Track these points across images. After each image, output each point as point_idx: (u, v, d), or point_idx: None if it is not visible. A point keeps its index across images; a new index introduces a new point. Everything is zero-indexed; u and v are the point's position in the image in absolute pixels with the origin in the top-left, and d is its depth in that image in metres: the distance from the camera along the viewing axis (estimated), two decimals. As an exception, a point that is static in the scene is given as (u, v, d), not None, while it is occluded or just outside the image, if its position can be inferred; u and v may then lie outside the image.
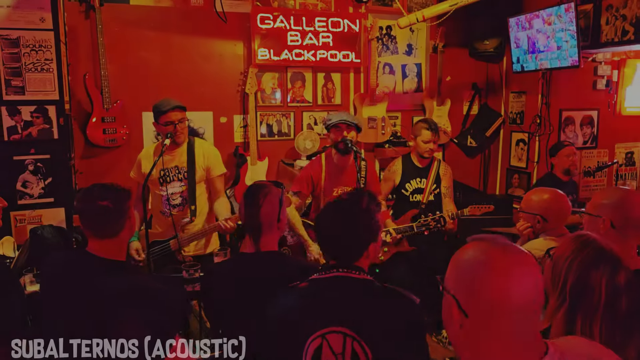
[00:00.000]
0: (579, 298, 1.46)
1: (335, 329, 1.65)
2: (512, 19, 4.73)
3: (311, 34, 4.68)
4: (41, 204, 3.66)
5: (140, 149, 4.08)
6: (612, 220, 2.12)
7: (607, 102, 5.16)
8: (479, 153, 5.67)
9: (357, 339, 1.63)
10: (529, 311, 1.07)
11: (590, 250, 1.52)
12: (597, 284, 1.45)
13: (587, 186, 5.18)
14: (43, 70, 3.59)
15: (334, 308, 1.70)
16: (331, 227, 1.83)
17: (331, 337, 1.65)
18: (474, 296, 1.09)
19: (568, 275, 1.51)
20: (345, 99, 5.03)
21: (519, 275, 1.07)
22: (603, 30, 4.34)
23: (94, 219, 2.00)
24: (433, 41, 5.24)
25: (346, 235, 1.80)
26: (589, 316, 1.44)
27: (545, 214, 2.57)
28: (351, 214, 1.82)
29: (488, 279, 1.08)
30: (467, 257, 1.13)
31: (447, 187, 4.01)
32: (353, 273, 1.76)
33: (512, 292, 1.06)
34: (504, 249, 1.12)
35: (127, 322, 1.14)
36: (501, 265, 1.08)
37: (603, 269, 1.47)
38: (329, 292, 1.75)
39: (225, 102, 4.62)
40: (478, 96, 5.59)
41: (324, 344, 1.65)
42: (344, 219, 1.81)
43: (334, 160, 3.56)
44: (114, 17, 4.18)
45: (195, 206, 3.29)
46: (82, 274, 1.88)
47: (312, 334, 1.67)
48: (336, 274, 1.77)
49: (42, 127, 3.62)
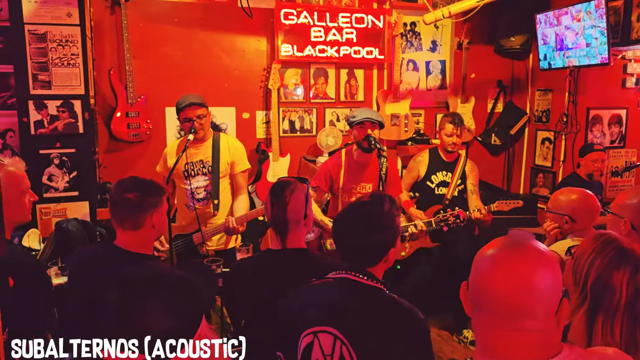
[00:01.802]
0: (600, 297, 1.46)
1: (326, 328, 1.64)
2: (539, 15, 4.65)
3: (335, 29, 4.66)
4: (66, 198, 3.70)
5: (163, 143, 4.12)
6: (633, 221, 2.07)
7: (636, 100, 5.04)
8: (503, 151, 5.59)
9: (346, 344, 1.60)
10: (517, 314, 1.06)
11: (611, 250, 1.51)
12: (618, 284, 1.45)
13: (614, 186, 5.07)
14: (69, 65, 3.62)
15: (330, 308, 1.68)
16: (350, 230, 1.78)
17: (322, 336, 1.63)
18: (473, 286, 1.13)
19: (589, 274, 1.50)
20: (368, 96, 4.99)
21: (508, 273, 1.07)
22: (634, 27, 4.24)
23: (117, 210, 2.05)
24: (458, 38, 5.18)
25: (365, 240, 1.75)
26: (609, 315, 1.44)
27: (573, 214, 2.49)
28: (372, 218, 1.77)
29: (478, 271, 1.12)
30: (485, 249, 1.16)
31: (474, 184, 3.96)
32: (362, 278, 1.73)
33: (493, 289, 1.07)
34: (514, 249, 1.12)
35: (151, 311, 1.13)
36: (498, 262, 1.10)
37: (624, 268, 1.47)
38: (332, 292, 1.73)
39: (248, 97, 4.62)
40: (503, 94, 5.51)
41: (315, 342, 1.64)
42: (365, 223, 1.76)
43: (355, 157, 3.52)
44: (139, 12, 4.21)
45: (218, 200, 3.29)
46: (106, 265, 1.90)
47: (306, 329, 1.67)
48: (344, 276, 1.74)
49: (67, 122, 3.65)
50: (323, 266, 2.20)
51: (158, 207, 2.07)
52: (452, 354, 3.95)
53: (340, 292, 1.72)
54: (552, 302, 1.07)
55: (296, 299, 1.78)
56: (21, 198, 2.05)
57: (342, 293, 1.71)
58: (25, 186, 2.08)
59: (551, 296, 1.07)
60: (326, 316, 1.66)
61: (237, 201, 3.37)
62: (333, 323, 1.64)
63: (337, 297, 1.71)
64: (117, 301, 1.14)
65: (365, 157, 3.48)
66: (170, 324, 1.11)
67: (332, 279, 1.78)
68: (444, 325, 4.32)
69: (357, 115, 3.38)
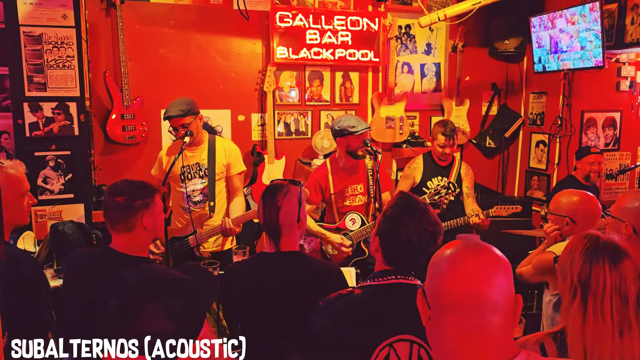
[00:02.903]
0: (587, 286, 1.50)
1: (402, 337, 1.62)
2: (534, 18, 4.67)
3: (330, 32, 4.67)
4: (61, 200, 3.69)
5: (159, 146, 4.11)
6: (634, 225, 2.07)
7: (630, 103, 5.07)
8: (498, 154, 5.61)
9: (424, 346, 1.61)
10: (481, 309, 1.08)
11: (587, 242, 1.56)
12: (600, 271, 1.49)
13: (608, 189, 5.10)
14: (65, 67, 3.61)
15: (399, 315, 1.65)
16: (416, 247, 1.74)
17: (398, 345, 1.62)
18: (433, 289, 1.14)
19: (573, 268, 1.55)
20: (364, 99, 5.00)
21: (469, 271, 1.10)
22: (628, 30, 4.26)
23: (109, 213, 2.05)
24: (452, 40, 5.20)
25: (428, 252, 1.71)
26: (598, 300, 1.47)
27: (574, 216, 2.48)
28: (436, 231, 1.76)
29: (442, 274, 1.12)
30: (439, 253, 1.18)
31: (469, 187, 3.97)
32: (410, 279, 1.73)
33: (457, 286, 1.09)
34: (468, 247, 1.15)
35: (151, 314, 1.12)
36: (456, 260, 1.12)
37: (603, 256, 1.51)
38: (393, 299, 1.70)
39: (243, 100, 4.62)
40: (497, 96, 5.53)
41: (392, 353, 1.61)
42: (430, 237, 1.75)
43: (341, 164, 3.51)
44: (134, 14, 4.20)
45: (214, 202, 3.30)
46: (103, 268, 1.89)
47: (380, 343, 1.62)
48: (395, 281, 1.73)
49: (63, 124, 3.64)
50: (318, 268, 2.20)
51: (149, 208, 2.05)
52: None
53: (401, 297, 1.69)
54: (510, 296, 1.11)
55: (349, 314, 1.69)
56: (20, 201, 2.04)
57: (404, 298, 1.67)
58: (24, 189, 2.08)
59: (509, 290, 1.11)
60: (398, 324, 1.64)
61: (233, 203, 3.37)
62: (407, 329, 1.63)
63: (401, 302, 1.66)
64: (116, 306, 1.13)
65: (352, 161, 3.47)
66: (171, 327, 1.11)
67: (381, 285, 1.73)
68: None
69: (356, 126, 3.33)
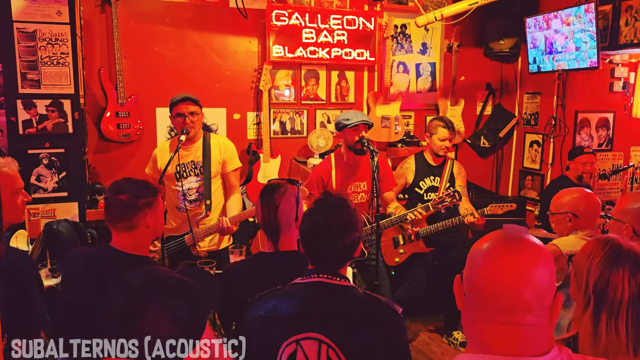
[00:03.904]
0: (602, 296, 1.46)
1: (310, 335, 1.61)
2: (529, 19, 4.69)
3: (326, 31, 4.66)
4: (55, 198, 3.65)
5: (153, 144, 4.09)
6: (635, 227, 2.08)
7: (623, 104, 5.11)
8: (492, 154, 5.63)
9: (332, 347, 1.59)
10: (512, 307, 1.07)
11: (609, 249, 1.52)
12: (619, 281, 1.46)
13: (601, 189, 5.13)
14: (59, 64, 3.58)
15: (310, 314, 1.65)
16: (325, 238, 1.73)
17: (306, 343, 1.61)
18: (468, 280, 1.14)
19: (590, 276, 1.50)
20: (359, 98, 5.00)
21: (503, 268, 1.08)
22: (622, 31, 4.29)
23: (111, 212, 2.04)
24: (448, 40, 5.21)
25: (340, 245, 1.72)
26: (613, 313, 1.44)
27: (576, 210, 2.53)
28: (346, 222, 1.74)
29: (475, 266, 1.12)
30: (478, 244, 1.16)
31: (462, 186, 3.97)
32: (335, 280, 1.72)
33: (488, 282, 1.08)
34: (508, 242, 1.13)
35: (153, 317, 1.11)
36: (493, 256, 1.11)
37: (623, 266, 1.47)
38: (308, 297, 1.70)
39: (238, 98, 4.60)
40: (492, 96, 5.55)
41: (298, 350, 1.60)
42: (340, 229, 1.72)
43: (344, 158, 3.52)
44: (130, 11, 4.17)
45: (210, 201, 3.28)
46: (104, 268, 1.88)
47: (287, 339, 1.62)
48: (317, 280, 1.72)
49: (57, 121, 3.61)
50: None
51: (152, 208, 2.05)
52: (442, 356, 3.97)
53: (317, 296, 1.69)
54: (547, 295, 1.09)
55: (267, 308, 1.71)
56: (14, 199, 2.02)
57: (319, 297, 1.69)
58: (18, 187, 2.05)
59: (547, 289, 1.09)
60: (307, 322, 1.63)
61: (230, 200, 3.37)
62: (316, 328, 1.62)
63: (314, 301, 1.68)
64: (119, 309, 1.11)
65: (356, 157, 3.49)
66: (174, 330, 1.10)
67: (302, 283, 1.74)
68: (434, 327, 4.35)
69: (351, 119, 3.37)
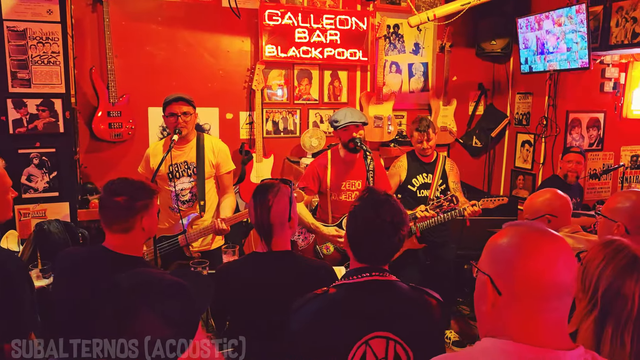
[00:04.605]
0: (611, 306, 1.43)
1: (378, 333, 1.62)
2: (521, 20, 4.71)
3: (319, 31, 4.65)
4: (45, 198, 3.63)
5: (145, 144, 4.06)
6: (627, 225, 2.08)
7: (614, 104, 5.14)
8: (484, 153, 5.65)
9: (400, 342, 1.61)
10: (561, 292, 1.11)
11: (623, 258, 1.47)
12: (630, 293, 1.42)
13: (592, 189, 5.17)
14: (50, 63, 3.55)
15: (374, 313, 1.65)
16: (380, 237, 1.74)
17: (374, 342, 1.62)
18: (508, 276, 1.13)
19: (600, 282, 1.47)
20: (352, 97, 5.00)
21: (552, 256, 1.12)
22: (613, 32, 4.32)
23: (106, 213, 2.01)
24: (440, 40, 5.22)
25: (395, 245, 1.75)
26: (620, 325, 1.40)
27: (552, 211, 2.57)
28: (399, 220, 1.75)
29: (522, 259, 1.12)
30: (503, 240, 1.17)
31: (455, 182, 3.99)
32: (385, 276, 1.73)
33: (544, 272, 1.10)
34: (540, 233, 1.16)
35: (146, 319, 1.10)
36: (535, 246, 1.13)
37: (637, 277, 1.43)
38: (367, 296, 1.69)
39: (231, 98, 4.59)
40: (484, 96, 5.57)
41: (368, 351, 1.61)
42: (394, 228, 1.74)
43: (341, 155, 3.53)
44: (121, 10, 4.14)
45: (204, 202, 3.27)
46: (97, 268, 1.86)
47: (356, 341, 1.61)
48: (368, 278, 1.72)
49: (47, 121, 3.58)
50: (310, 267, 2.19)
51: (148, 210, 2.04)
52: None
53: (376, 294, 1.69)
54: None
55: (325, 313, 1.68)
56: (5, 196, 2.01)
57: (379, 294, 1.69)
58: (8, 184, 2.04)
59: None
60: (374, 322, 1.64)
61: (224, 201, 3.36)
62: (383, 326, 1.63)
63: (376, 299, 1.68)
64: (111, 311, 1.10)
65: (352, 156, 3.49)
66: (167, 332, 1.09)
67: (356, 283, 1.72)
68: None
69: (340, 119, 3.37)
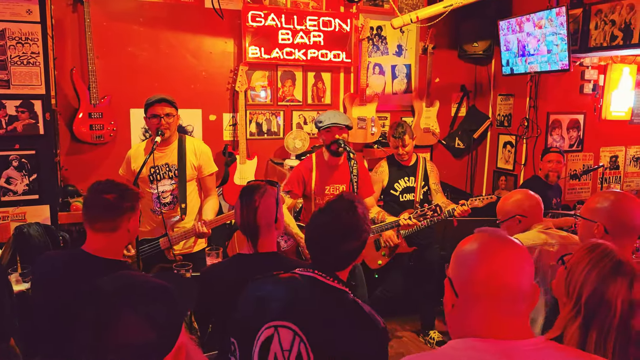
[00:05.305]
0: (595, 312, 1.43)
1: (287, 324, 1.64)
2: (502, 22, 4.76)
3: (302, 32, 4.65)
4: (25, 201, 3.56)
5: (127, 145, 4.02)
6: (606, 225, 2.10)
7: (593, 106, 5.23)
8: (467, 154, 5.70)
9: (305, 342, 1.61)
10: (515, 296, 1.17)
11: (608, 263, 1.48)
12: (613, 298, 1.42)
13: (572, 189, 5.24)
14: (29, 64, 3.49)
15: (294, 304, 1.67)
16: (326, 240, 1.76)
17: (283, 331, 1.64)
18: (466, 279, 1.20)
19: (584, 288, 1.47)
20: (335, 99, 5.01)
21: (506, 261, 1.19)
22: (592, 34, 4.39)
23: (93, 211, 2.00)
24: (423, 42, 5.25)
25: (341, 249, 1.75)
26: (603, 332, 1.41)
27: (522, 212, 2.61)
28: (350, 227, 1.76)
29: (478, 263, 1.19)
30: (465, 245, 1.25)
31: (436, 183, 4.03)
32: (329, 280, 1.73)
33: (497, 275, 1.17)
34: (499, 240, 1.24)
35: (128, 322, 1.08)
36: (492, 252, 1.20)
37: (620, 283, 1.43)
38: (297, 288, 1.72)
39: (214, 99, 4.57)
40: (466, 98, 5.62)
41: (275, 336, 1.64)
42: (343, 233, 1.75)
43: (325, 158, 3.53)
44: (102, 11, 4.10)
45: (185, 204, 3.24)
46: (78, 273, 1.84)
47: (268, 322, 1.66)
48: (312, 275, 1.74)
49: (27, 122, 3.52)
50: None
51: (134, 211, 2.05)
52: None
53: (305, 289, 1.71)
54: (533, 284, 1.21)
55: (261, 289, 1.75)
56: None
57: (307, 291, 1.71)
58: None
59: (532, 280, 1.21)
60: (289, 311, 1.66)
61: (207, 203, 3.34)
62: (294, 319, 1.64)
63: (301, 294, 1.70)
64: (92, 314, 1.09)
65: (336, 159, 3.49)
66: (150, 335, 1.07)
67: (299, 275, 1.76)
68: (411, 327, 4.38)
69: (324, 120, 3.38)
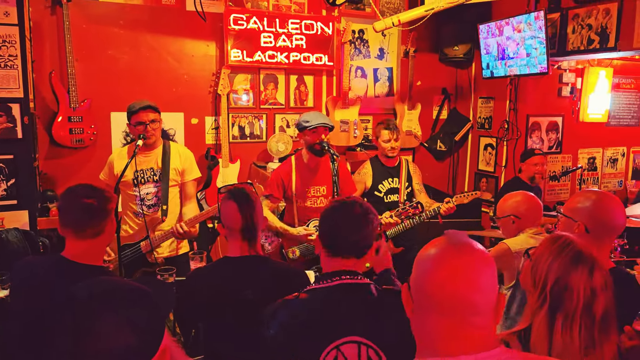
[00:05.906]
0: (559, 299, 1.50)
1: (349, 338, 1.62)
2: (482, 26, 4.81)
3: (284, 35, 4.65)
4: (3, 207, 3.49)
5: (108, 150, 3.98)
6: (586, 224, 2.14)
7: (571, 108, 5.31)
8: (448, 157, 5.75)
9: (372, 346, 1.61)
10: (462, 308, 1.10)
11: (569, 252, 1.55)
12: (575, 286, 1.49)
13: (552, 190, 5.32)
14: (7, 67, 3.43)
15: (346, 317, 1.65)
16: (348, 228, 1.79)
17: (345, 347, 1.61)
18: (417, 286, 1.16)
19: (548, 277, 1.54)
20: (318, 102, 5.01)
21: (454, 271, 1.11)
22: (569, 38, 4.47)
23: (77, 217, 1.94)
24: (404, 46, 5.29)
25: (360, 236, 1.78)
26: (569, 317, 1.48)
27: (517, 213, 2.65)
28: (364, 214, 1.81)
29: (423, 272, 1.15)
30: (425, 250, 1.20)
31: (419, 183, 4.06)
32: (357, 279, 1.73)
33: (444, 285, 1.10)
34: (455, 247, 1.16)
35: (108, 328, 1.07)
36: (443, 260, 1.14)
37: (581, 270, 1.51)
38: (339, 301, 1.69)
39: (196, 103, 4.54)
40: (447, 101, 5.67)
41: (339, 356, 1.61)
42: (360, 220, 1.79)
43: (305, 161, 3.53)
44: (82, 13, 4.05)
45: (167, 206, 3.21)
46: (57, 279, 1.81)
47: (326, 346, 1.61)
48: (340, 282, 1.72)
49: (5, 126, 3.46)
50: (285, 272, 2.19)
51: (113, 215, 2.01)
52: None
53: (346, 298, 1.70)
54: (492, 297, 1.13)
55: (297, 318, 1.68)
56: None
57: (349, 299, 1.69)
58: None
59: (492, 291, 1.13)
60: (344, 326, 1.63)
61: (185, 208, 3.30)
62: (354, 331, 1.63)
63: (346, 304, 1.68)
64: (71, 320, 1.06)
65: (316, 160, 3.49)
66: (131, 339, 1.06)
67: (326, 287, 1.72)
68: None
69: (310, 120, 3.39)
